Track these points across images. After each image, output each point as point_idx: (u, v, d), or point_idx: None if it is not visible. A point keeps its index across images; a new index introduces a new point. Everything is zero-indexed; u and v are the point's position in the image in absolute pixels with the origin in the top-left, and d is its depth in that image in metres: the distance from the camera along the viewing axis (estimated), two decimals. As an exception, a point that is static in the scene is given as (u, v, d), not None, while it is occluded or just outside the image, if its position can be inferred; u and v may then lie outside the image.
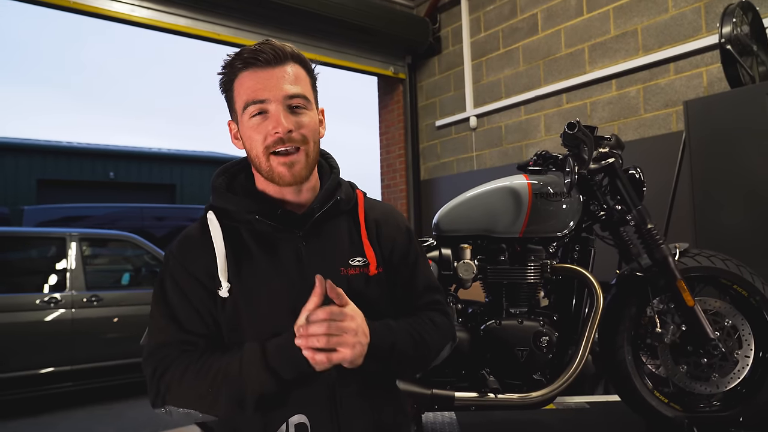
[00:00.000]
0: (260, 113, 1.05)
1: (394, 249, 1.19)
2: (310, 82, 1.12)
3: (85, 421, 4.78)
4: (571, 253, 1.97)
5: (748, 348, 1.87)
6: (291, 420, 1.04)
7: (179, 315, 1.06)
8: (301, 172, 1.07)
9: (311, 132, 1.08)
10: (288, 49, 1.08)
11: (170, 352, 1.04)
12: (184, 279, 1.07)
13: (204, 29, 4.66)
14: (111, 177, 14.30)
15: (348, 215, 1.18)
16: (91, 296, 5.32)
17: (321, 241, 1.12)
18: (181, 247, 1.11)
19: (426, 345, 1.14)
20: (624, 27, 4.12)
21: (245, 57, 1.05)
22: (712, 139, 2.75)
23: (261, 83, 1.04)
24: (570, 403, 2.35)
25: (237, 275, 1.06)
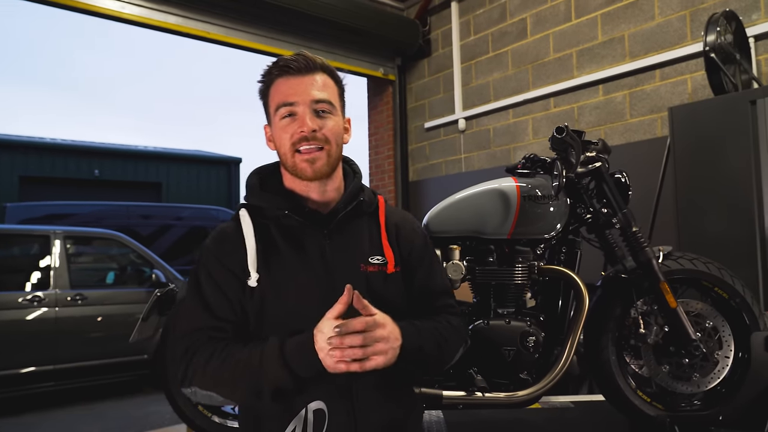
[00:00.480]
0: (290, 115, 1.17)
1: (412, 251, 1.28)
2: (338, 92, 1.24)
3: (68, 421, 4.73)
4: (558, 255, 2.00)
5: (728, 349, 1.92)
6: (310, 406, 1.12)
7: (211, 303, 1.15)
8: (321, 169, 1.17)
9: (333, 134, 1.18)
10: (318, 61, 1.21)
11: (200, 337, 1.13)
12: (218, 270, 1.16)
13: (196, 28, 4.65)
14: (96, 175, 14.13)
15: (370, 217, 1.28)
16: (76, 295, 5.27)
17: (344, 239, 1.21)
18: (216, 241, 1.21)
19: (447, 345, 1.23)
20: (611, 33, 4.18)
21: (280, 66, 1.19)
22: (695, 145, 2.81)
23: (292, 89, 1.17)
24: (555, 402, 2.38)
25: (265, 267, 1.16)
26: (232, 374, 1.08)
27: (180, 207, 10.27)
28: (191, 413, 1.90)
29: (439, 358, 1.23)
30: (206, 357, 1.10)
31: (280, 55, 4.47)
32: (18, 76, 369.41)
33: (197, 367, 1.10)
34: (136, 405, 5.22)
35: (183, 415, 1.91)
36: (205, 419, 1.90)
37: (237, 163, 17.00)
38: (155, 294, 2.01)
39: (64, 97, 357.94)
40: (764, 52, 3.36)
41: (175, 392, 1.90)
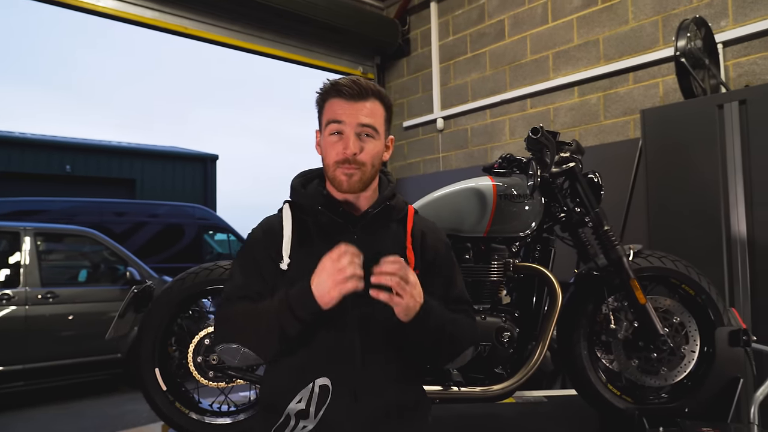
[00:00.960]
0: (337, 132, 1.32)
1: (435, 258, 1.39)
2: (384, 116, 1.37)
3: (42, 420, 4.65)
4: (533, 253, 2.05)
5: (694, 343, 1.99)
6: (317, 381, 1.26)
7: (248, 276, 1.34)
8: (356, 185, 1.32)
9: (371, 157, 1.33)
10: (371, 88, 1.34)
11: (235, 303, 1.31)
12: (258, 252, 1.36)
13: (173, 23, 4.60)
14: (67, 170, 13.84)
15: (399, 224, 1.41)
16: (47, 293, 5.17)
17: (371, 239, 1.34)
18: (261, 228, 1.40)
19: (463, 333, 1.34)
20: (587, 36, 4.27)
21: (338, 88, 1.33)
22: (666, 147, 2.90)
23: (343, 110, 1.31)
24: (529, 396, 2.44)
25: (297, 254, 1.33)
26: (251, 321, 1.26)
27: (155, 204, 10.09)
28: (168, 410, 1.89)
29: (453, 343, 1.33)
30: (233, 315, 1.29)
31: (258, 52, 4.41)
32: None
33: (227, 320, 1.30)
34: (111, 404, 5.15)
35: (160, 413, 1.90)
36: (183, 416, 1.89)
37: (213, 159, 16.80)
38: (132, 291, 1.99)
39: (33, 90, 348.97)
40: (732, 58, 3.47)
41: (151, 390, 1.90)
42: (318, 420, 1.25)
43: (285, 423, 1.27)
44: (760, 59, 3.35)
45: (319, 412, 1.25)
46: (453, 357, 1.37)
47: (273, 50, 5.28)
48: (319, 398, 1.25)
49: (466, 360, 1.38)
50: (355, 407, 1.25)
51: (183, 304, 1.95)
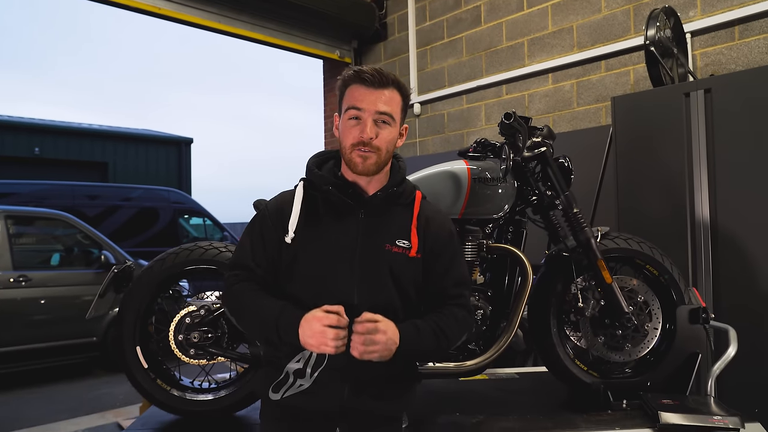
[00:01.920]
0: (356, 118, 1.39)
1: (436, 242, 1.45)
2: (401, 105, 1.45)
3: (15, 404, 4.62)
4: (506, 234, 2.12)
5: (656, 321, 2.10)
6: None
7: (254, 247, 1.42)
8: (370, 167, 1.38)
9: (386, 143, 1.40)
10: (390, 77, 1.41)
11: (240, 273, 1.41)
12: (266, 226, 1.43)
13: (147, 3, 4.52)
14: (36, 153, 13.50)
15: (406, 208, 1.47)
16: (19, 276, 5.11)
17: (377, 220, 1.42)
18: (273, 202, 1.47)
19: (447, 340, 1.39)
20: (561, 24, 4.34)
21: (360, 75, 1.40)
22: (635, 133, 2.99)
23: (363, 96, 1.38)
24: (501, 373, 2.53)
25: (303, 230, 1.40)
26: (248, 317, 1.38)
27: (129, 187, 9.95)
28: (150, 387, 1.91)
29: (436, 352, 1.41)
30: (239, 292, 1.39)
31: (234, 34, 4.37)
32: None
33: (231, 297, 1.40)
34: (87, 387, 5.14)
35: (142, 390, 1.92)
36: (164, 393, 1.92)
37: (188, 143, 16.57)
38: (112, 271, 2.00)
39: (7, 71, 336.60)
40: (699, 47, 3.57)
41: (133, 368, 1.92)
42: (313, 380, 1.35)
43: (284, 380, 1.37)
44: (725, 49, 3.46)
45: (314, 374, 1.35)
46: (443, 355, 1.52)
47: (249, 33, 5.22)
48: (316, 362, 1.35)
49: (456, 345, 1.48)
50: (347, 372, 1.34)
51: (163, 283, 1.97)
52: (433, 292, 1.44)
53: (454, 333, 1.40)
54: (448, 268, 1.45)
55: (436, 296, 1.44)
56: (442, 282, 1.44)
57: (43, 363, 5.26)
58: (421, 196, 1.51)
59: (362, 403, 1.36)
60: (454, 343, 1.42)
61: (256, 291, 1.39)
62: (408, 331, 1.32)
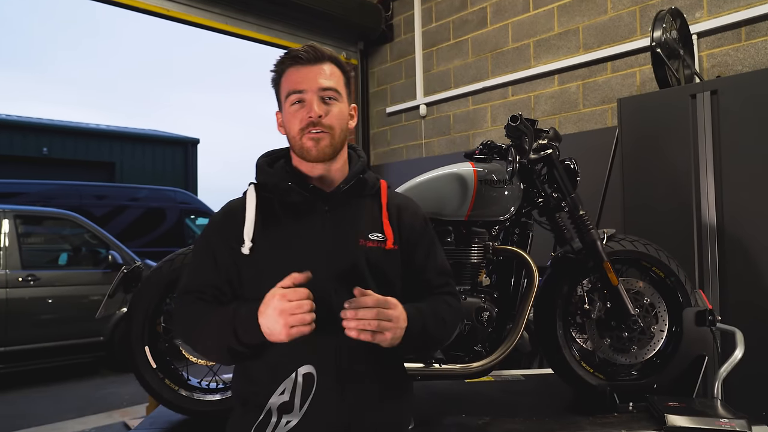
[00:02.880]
0: (299, 102, 1.25)
1: (412, 232, 1.34)
2: (344, 80, 1.32)
3: (23, 403, 4.66)
4: (512, 236, 2.13)
5: (663, 323, 2.10)
6: (300, 370, 1.19)
7: (204, 267, 1.27)
8: (325, 149, 1.25)
9: (338, 120, 1.27)
10: (327, 52, 1.29)
11: (190, 297, 1.24)
12: (215, 240, 1.28)
13: (153, 4, 4.55)
14: (44, 153, 13.58)
15: (372, 198, 1.35)
16: (27, 275, 5.15)
17: (345, 216, 1.29)
18: (221, 213, 1.32)
19: (446, 326, 1.30)
20: (567, 25, 4.33)
21: (291, 56, 1.27)
22: (641, 135, 2.99)
23: (301, 77, 1.25)
24: (507, 375, 2.53)
25: (262, 237, 1.24)
26: (202, 333, 1.21)
27: (136, 188, 10.01)
28: (158, 387, 1.93)
29: (440, 339, 1.31)
30: (188, 315, 1.23)
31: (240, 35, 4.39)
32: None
33: (181, 322, 1.25)
34: (93, 386, 5.17)
35: (150, 390, 1.94)
36: (172, 392, 1.93)
37: (194, 143, 16.63)
38: (122, 271, 2.02)
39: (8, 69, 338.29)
40: (706, 49, 3.57)
41: (141, 368, 1.94)
42: (303, 413, 1.17)
43: (266, 420, 1.18)
44: (732, 50, 3.45)
45: (304, 404, 1.17)
46: (443, 344, 1.37)
47: (255, 34, 5.24)
48: (304, 388, 1.18)
49: (452, 338, 1.39)
50: (341, 396, 1.19)
51: (172, 284, 1.98)
52: (416, 285, 1.32)
53: (451, 319, 1.31)
54: (428, 258, 1.35)
55: (421, 289, 1.32)
56: (424, 273, 1.33)
57: (50, 362, 5.29)
58: (387, 185, 1.40)
59: (364, 423, 1.21)
60: (452, 330, 1.33)
61: (208, 305, 1.23)
62: (412, 311, 1.18)
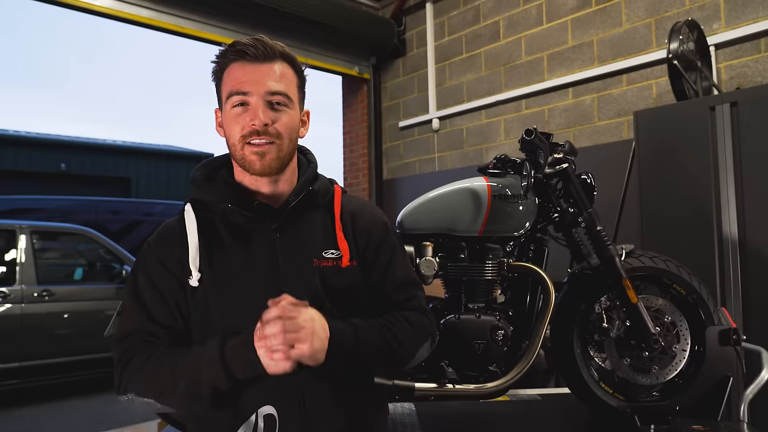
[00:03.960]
0: (242, 104, 1.10)
1: (369, 242, 1.21)
2: (297, 83, 1.16)
3: (35, 419, 4.65)
4: (527, 252, 2.08)
5: (685, 342, 2.02)
6: (260, 411, 1.07)
7: (148, 305, 1.09)
8: (271, 164, 1.10)
9: (287, 129, 1.11)
10: (278, 48, 1.12)
11: (135, 343, 1.08)
12: (156, 270, 1.11)
13: (168, 22, 4.60)
14: (62, 168, 13.80)
15: (324, 209, 1.21)
16: (42, 291, 5.18)
17: (295, 233, 1.15)
18: (157, 238, 1.15)
19: (398, 342, 1.13)
20: (581, 38, 4.30)
21: (237, 49, 1.10)
22: (658, 148, 2.93)
23: (247, 76, 1.09)
24: (523, 395, 2.46)
25: (208, 265, 1.09)
26: (170, 376, 1.03)
27: (151, 203, 10.10)
28: (166, 407, 1.90)
29: (387, 355, 1.13)
30: (142, 362, 1.05)
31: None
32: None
33: (133, 373, 1.06)
34: (105, 402, 5.16)
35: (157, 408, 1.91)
36: (180, 412, 1.90)
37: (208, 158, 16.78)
38: (131, 288, 2.00)
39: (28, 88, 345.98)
40: (724, 60, 3.51)
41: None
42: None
43: None
44: (751, 62, 3.39)
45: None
46: (400, 365, 1.23)
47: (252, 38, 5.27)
48: (266, 429, 1.06)
49: (423, 356, 1.23)
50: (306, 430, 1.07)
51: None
52: (378, 302, 1.19)
53: (406, 336, 1.14)
54: (390, 269, 1.21)
55: (383, 304, 1.19)
56: (384, 287, 1.20)
57: (65, 377, 5.29)
58: (341, 190, 1.25)
59: None
60: (409, 347, 1.17)
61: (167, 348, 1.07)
62: (341, 325, 1.05)
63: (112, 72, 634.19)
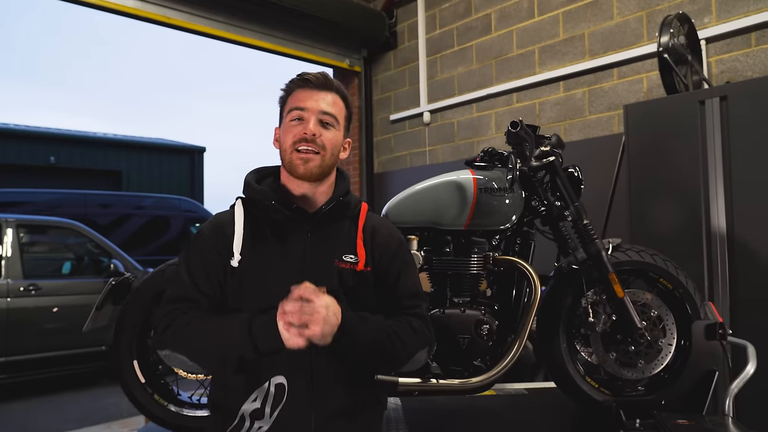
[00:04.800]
0: (298, 119, 1.33)
1: (384, 253, 1.39)
2: (345, 114, 1.40)
3: (23, 414, 4.61)
4: (513, 246, 2.06)
5: (671, 337, 2.01)
6: (273, 379, 1.25)
7: (196, 277, 1.29)
8: (313, 170, 1.31)
9: (330, 144, 1.34)
10: (335, 84, 1.38)
11: (181, 306, 1.26)
12: (207, 250, 1.31)
13: (157, 13, 4.54)
14: (52, 161, 13.66)
15: (351, 220, 1.42)
16: (29, 285, 5.13)
17: (324, 236, 1.35)
18: (210, 225, 1.37)
19: (400, 342, 1.28)
20: (572, 31, 4.28)
21: (302, 78, 1.36)
22: (648, 142, 2.92)
23: (307, 97, 1.34)
24: (510, 389, 2.46)
25: (250, 251, 1.30)
26: (205, 339, 1.21)
27: (141, 196, 10.02)
28: (147, 402, 1.87)
29: (391, 354, 1.28)
30: (185, 322, 1.23)
31: (244, 44, 4.41)
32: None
33: (176, 329, 1.22)
34: (94, 396, 5.13)
35: (139, 405, 1.88)
36: (162, 408, 1.88)
37: (201, 152, 16.66)
38: (110, 283, 1.97)
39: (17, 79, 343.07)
40: (714, 54, 3.49)
41: (130, 383, 1.88)
42: (273, 420, 1.23)
43: (240, 424, 1.25)
44: (741, 56, 3.38)
45: (274, 412, 1.23)
46: (399, 364, 1.34)
47: (258, 42, 5.22)
48: (275, 398, 1.24)
49: (420, 363, 1.37)
50: (310, 407, 1.24)
51: (162, 295, 1.93)
52: (387, 306, 1.36)
53: (409, 339, 1.30)
54: (400, 279, 1.39)
55: (391, 309, 1.36)
56: (394, 293, 1.37)
57: (52, 372, 5.25)
58: (367, 207, 1.46)
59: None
60: (409, 350, 1.31)
61: (206, 315, 1.26)
62: (353, 316, 1.24)
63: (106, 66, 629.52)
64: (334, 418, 1.26)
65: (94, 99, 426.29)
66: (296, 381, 1.25)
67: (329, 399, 1.26)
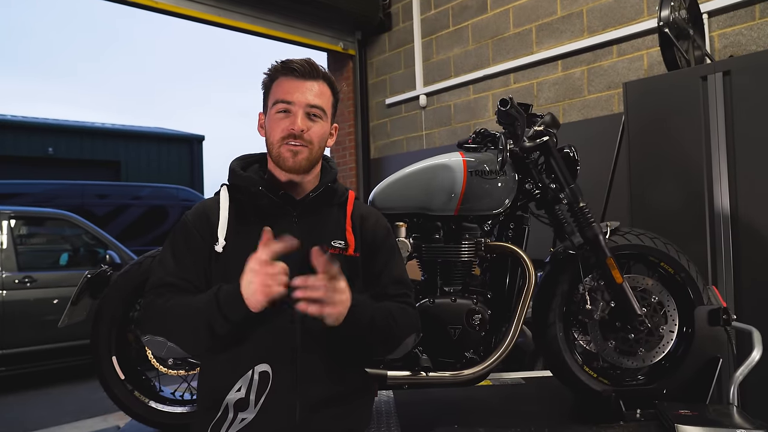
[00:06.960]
0: (285, 111, 1.31)
1: (373, 240, 1.40)
2: (332, 101, 1.38)
3: (20, 406, 4.59)
4: (506, 232, 1.97)
5: (672, 323, 1.93)
6: (257, 367, 1.24)
7: (180, 262, 1.29)
8: (301, 163, 1.31)
9: (318, 137, 1.34)
10: (321, 70, 1.35)
11: (164, 291, 1.26)
12: (191, 236, 1.32)
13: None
14: (49, 152, 13.58)
15: (338, 208, 1.42)
16: (24, 277, 5.08)
17: (311, 222, 1.35)
18: (195, 211, 1.37)
19: (398, 327, 1.31)
20: (570, 8, 4.15)
21: (287, 66, 1.33)
22: (648, 120, 2.81)
23: (293, 88, 1.31)
24: (506, 378, 2.39)
25: (235, 237, 1.30)
26: (179, 317, 1.21)
27: (138, 186, 9.97)
28: (126, 399, 1.82)
29: (388, 336, 1.30)
30: (160, 305, 1.24)
31: (235, 28, 4.30)
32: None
33: (153, 313, 1.24)
34: (90, 389, 5.09)
35: (119, 402, 1.83)
36: (142, 405, 1.82)
37: (200, 140, 16.57)
38: (85, 276, 1.91)
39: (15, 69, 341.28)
40: (717, 28, 3.37)
41: (109, 379, 1.82)
42: (258, 409, 1.23)
43: (223, 416, 1.24)
44: (745, 29, 3.26)
45: (259, 401, 1.22)
46: (390, 349, 1.35)
47: (250, 26, 5.11)
48: (259, 386, 1.23)
49: (407, 349, 1.37)
50: (295, 394, 1.23)
51: (141, 288, 1.85)
52: (374, 292, 1.36)
53: (403, 322, 1.32)
54: (387, 266, 1.40)
55: (378, 296, 1.35)
56: (381, 280, 1.38)
57: (48, 365, 5.23)
58: (354, 195, 1.47)
59: (317, 424, 1.25)
60: (402, 333, 1.33)
61: (186, 293, 1.26)
62: (360, 297, 1.24)
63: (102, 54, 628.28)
64: (320, 406, 1.25)
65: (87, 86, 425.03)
66: (280, 369, 1.24)
67: (314, 387, 1.25)
